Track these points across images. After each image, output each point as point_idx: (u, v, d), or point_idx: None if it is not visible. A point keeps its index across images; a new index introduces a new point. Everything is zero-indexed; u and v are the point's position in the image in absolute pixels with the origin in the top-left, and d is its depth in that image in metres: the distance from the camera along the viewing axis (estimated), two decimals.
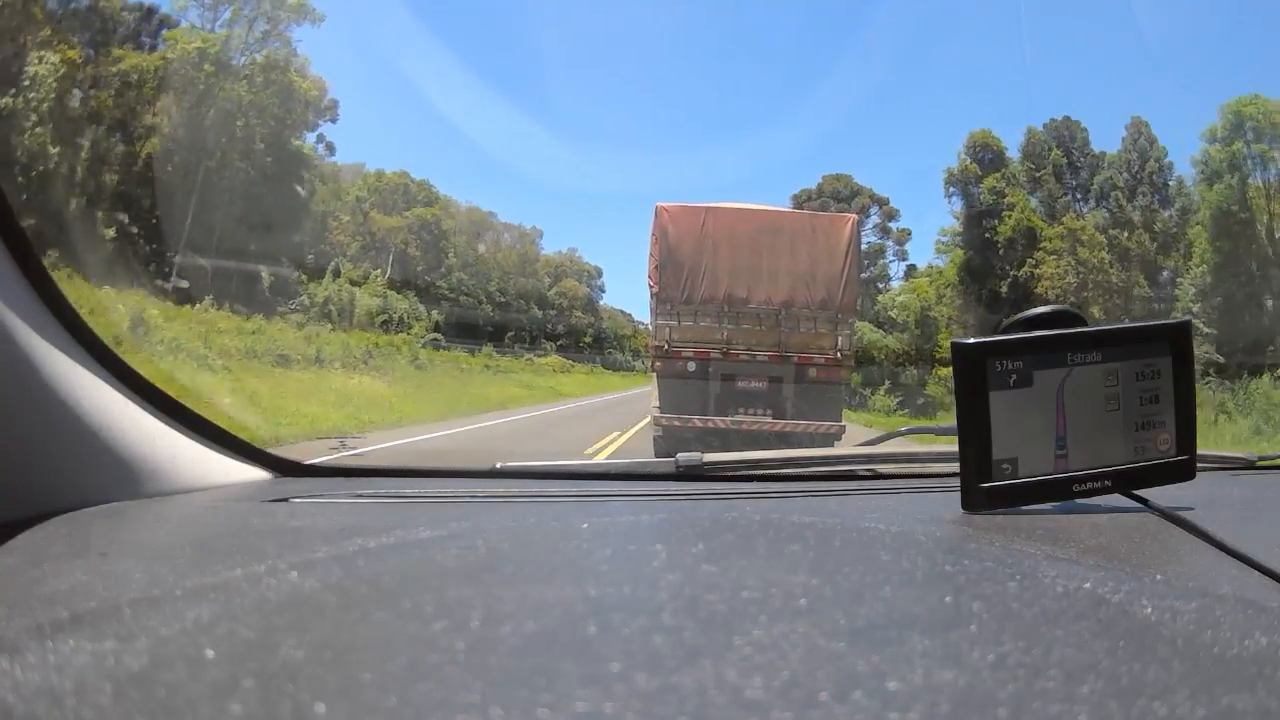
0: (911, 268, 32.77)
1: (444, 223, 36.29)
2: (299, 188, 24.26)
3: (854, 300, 9.06)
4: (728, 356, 8.59)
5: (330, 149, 29.68)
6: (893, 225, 33.94)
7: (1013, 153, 26.74)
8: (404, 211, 34.72)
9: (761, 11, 48.37)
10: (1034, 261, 24.43)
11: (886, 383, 24.05)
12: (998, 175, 26.06)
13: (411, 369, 21.21)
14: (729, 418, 8.28)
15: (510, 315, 38.32)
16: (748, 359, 8.61)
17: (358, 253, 30.97)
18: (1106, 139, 28.06)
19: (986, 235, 25.46)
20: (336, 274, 25.55)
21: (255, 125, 22.97)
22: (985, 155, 26.62)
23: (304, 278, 23.52)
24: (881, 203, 34.00)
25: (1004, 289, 24.76)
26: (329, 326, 21.69)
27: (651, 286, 8.94)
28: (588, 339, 44.31)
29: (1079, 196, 26.11)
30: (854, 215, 10.25)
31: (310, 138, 27.86)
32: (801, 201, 32.29)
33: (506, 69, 50.68)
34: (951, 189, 27.25)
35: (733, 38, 51.09)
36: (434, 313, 30.01)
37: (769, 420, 8.32)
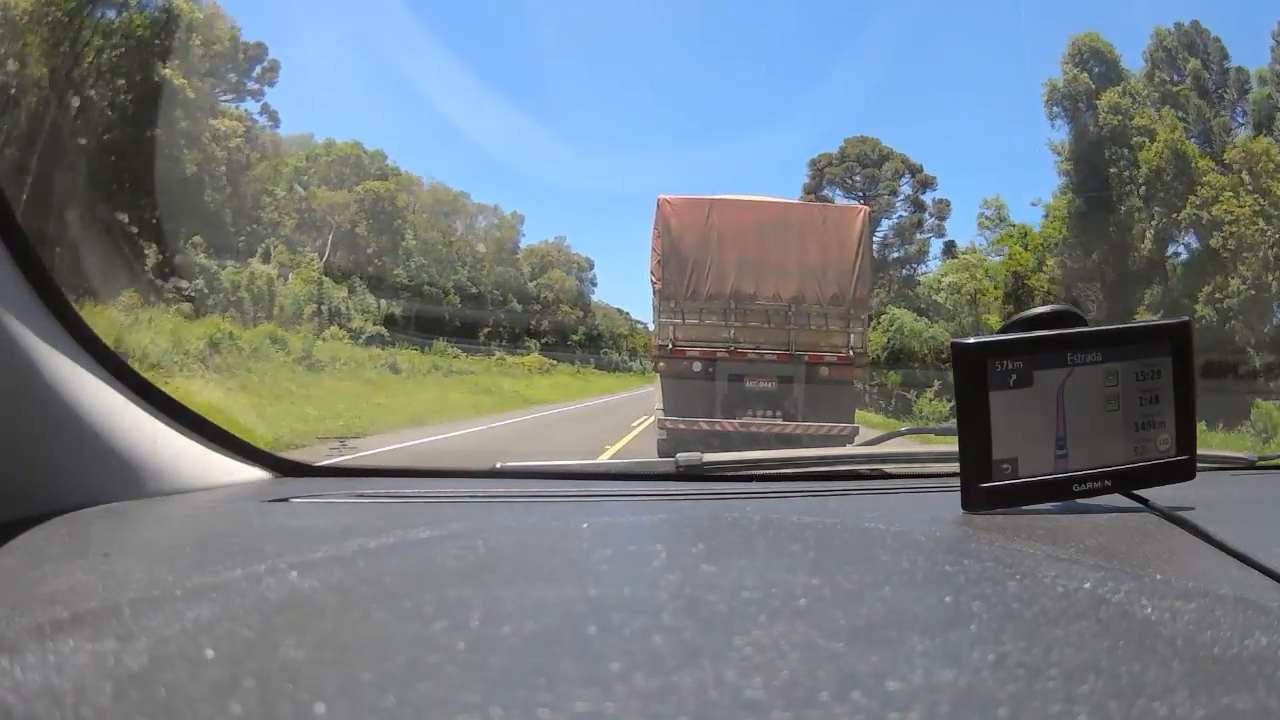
0: (950, 244, 28.37)
1: (399, 199, 30.35)
2: (158, 130, 17.93)
3: (867, 295, 8.67)
4: (734, 356, 8.22)
5: (274, 119, 25.66)
6: (927, 198, 29.40)
7: (1129, 63, 19.47)
8: (353, 186, 29.12)
9: (761, 9, 48.30)
10: (1198, 201, 17.05)
11: (936, 383, 19.65)
12: (1117, 90, 18.75)
13: (295, 371, 16.16)
14: (737, 420, 7.91)
15: (485, 309, 33.37)
16: (755, 358, 8.23)
17: (294, 233, 25.80)
18: (1244, 52, 21.73)
19: (1113, 170, 18.25)
20: (266, 258, 21.44)
21: (115, 53, 17.38)
22: (1095, 66, 19.46)
23: (202, 258, 18.63)
24: (914, 170, 29.61)
25: (1145, 243, 17.68)
26: (175, 313, 15.74)
27: (654, 283, 8.57)
28: (578, 337, 39.88)
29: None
30: (865, 206, 9.84)
31: (253, 105, 24.05)
32: (821, 167, 29.38)
33: (502, 65, 50.50)
34: (1055, 108, 19.66)
35: (731, 35, 51.06)
36: (389, 304, 26.00)
37: (779, 423, 7.96)
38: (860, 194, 29.29)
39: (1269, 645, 0.41)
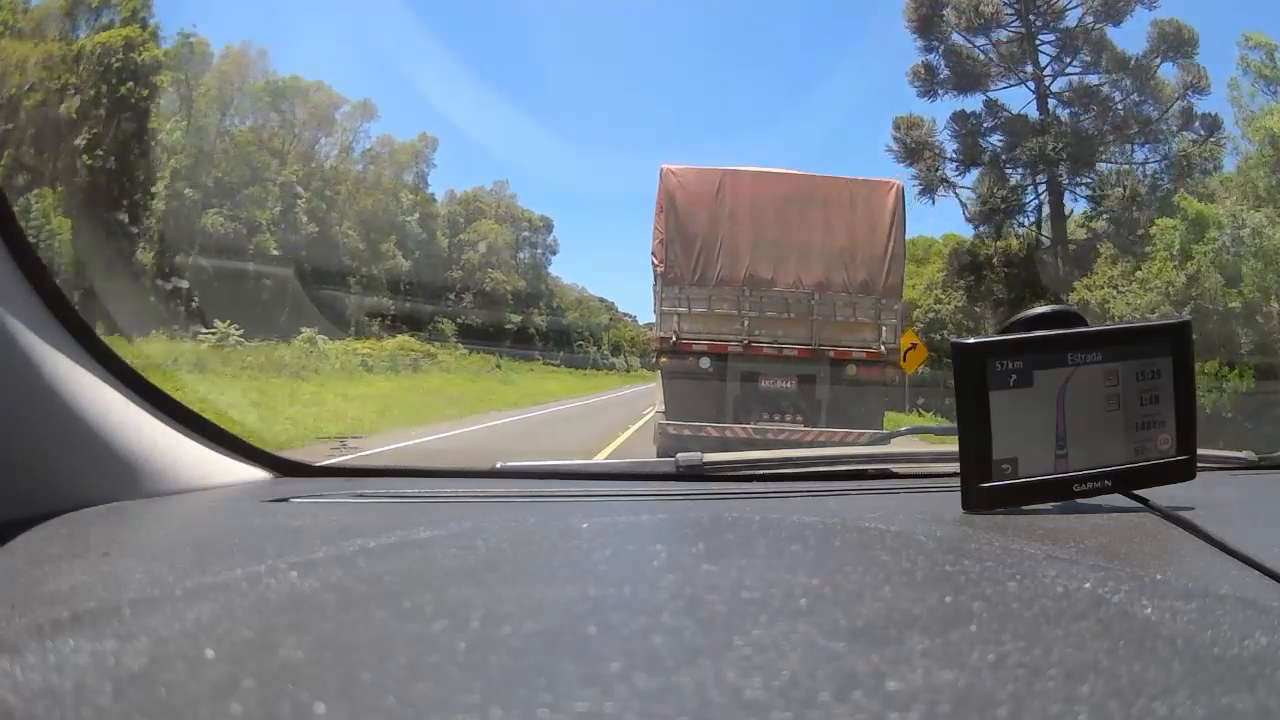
0: (1211, 116, 17.56)
1: (142, 53, 16.94)
2: None
3: (900, 283, 7.61)
4: (749, 351, 7.23)
5: None
6: (1143, 56, 17.16)
7: None
8: (81, 36, 16.81)
9: (761, 9, 48.11)
10: None
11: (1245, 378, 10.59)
12: None
13: None
14: (752, 425, 6.96)
15: (337, 263, 20.90)
16: (773, 354, 7.25)
17: None
18: None
19: None
20: None
21: None
22: None
23: None
24: None
25: None
26: None
27: (655, 265, 7.50)
28: (520, 319, 27.50)
29: None
30: (898, 182, 8.27)
31: None
32: None
33: (501, 61, 50.23)
34: None
35: (729, 34, 50.89)
36: (141, 247, 15.00)
37: (800, 429, 7.02)
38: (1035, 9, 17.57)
39: (1269, 645, 0.41)
